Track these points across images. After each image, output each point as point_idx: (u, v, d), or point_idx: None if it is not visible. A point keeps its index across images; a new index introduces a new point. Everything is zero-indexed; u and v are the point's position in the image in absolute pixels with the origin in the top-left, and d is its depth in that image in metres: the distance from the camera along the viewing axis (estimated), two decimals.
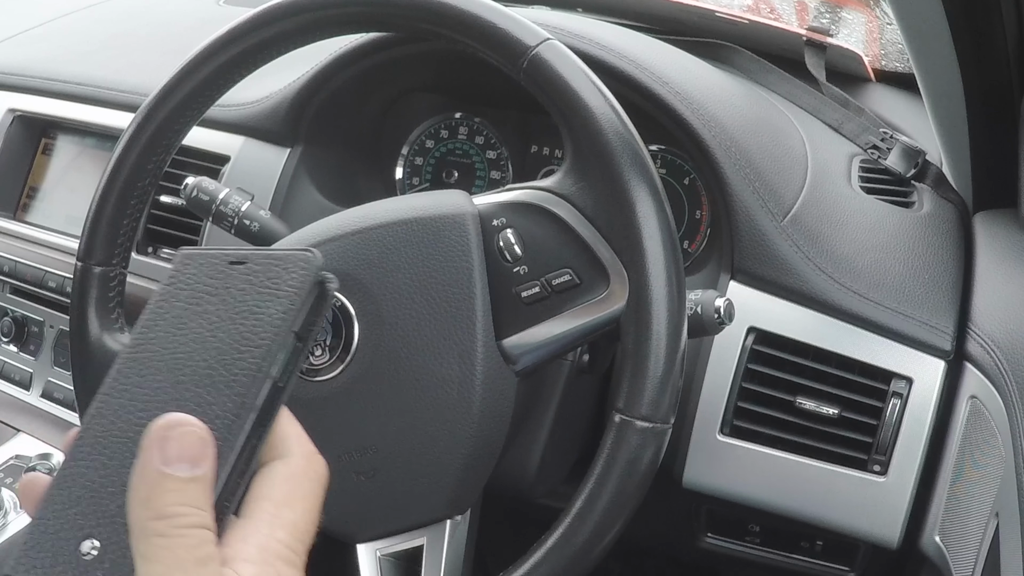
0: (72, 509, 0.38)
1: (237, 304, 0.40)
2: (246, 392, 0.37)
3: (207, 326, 0.40)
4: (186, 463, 0.34)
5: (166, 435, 0.34)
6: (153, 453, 0.34)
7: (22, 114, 1.13)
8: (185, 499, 0.34)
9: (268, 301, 0.40)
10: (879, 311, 0.76)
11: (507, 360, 0.62)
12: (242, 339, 0.39)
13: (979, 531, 0.66)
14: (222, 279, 0.42)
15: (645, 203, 0.58)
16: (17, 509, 0.96)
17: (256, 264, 0.41)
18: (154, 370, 0.40)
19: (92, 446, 0.39)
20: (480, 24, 0.62)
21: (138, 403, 0.39)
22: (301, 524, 0.37)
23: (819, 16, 1.15)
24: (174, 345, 0.40)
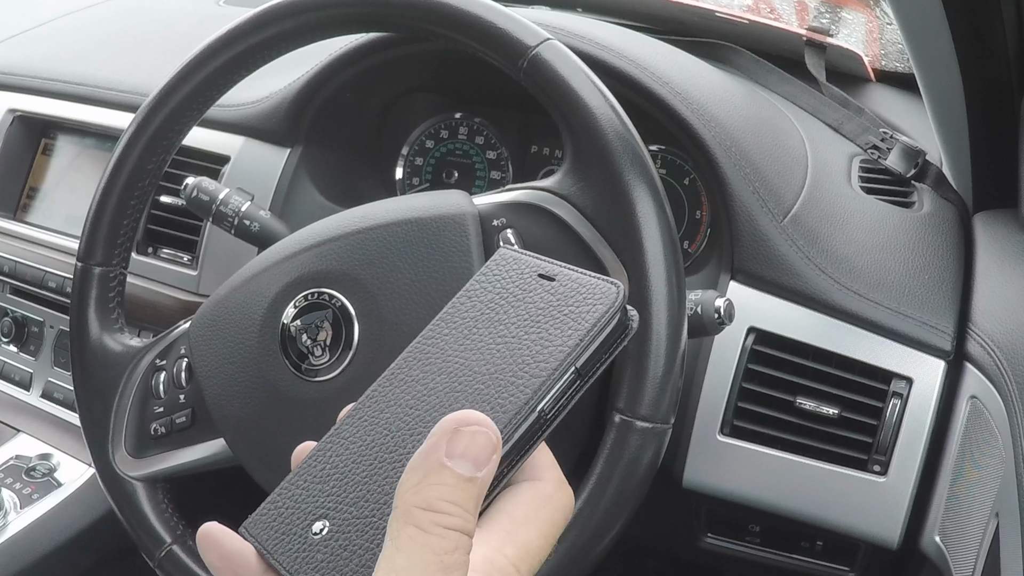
0: (318, 485, 0.38)
1: (532, 322, 0.39)
2: (509, 420, 0.36)
3: (497, 336, 0.40)
4: (470, 462, 0.33)
5: (457, 430, 0.34)
6: (440, 443, 0.33)
7: (22, 114, 1.13)
8: (456, 497, 0.33)
9: (560, 329, 0.39)
10: (879, 311, 0.76)
11: None
12: (523, 362, 0.38)
13: (979, 531, 0.66)
14: (527, 290, 0.41)
15: (645, 203, 0.58)
16: (17, 509, 0.96)
17: (562, 284, 0.40)
18: (435, 370, 0.40)
19: (356, 428, 0.40)
20: (480, 24, 0.62)
21: (410, 399, 0.39)
22: (533, 547, 0.36)
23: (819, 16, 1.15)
24: (461, 348, 0.40)
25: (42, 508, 0.96)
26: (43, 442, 1.06)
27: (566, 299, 0.40)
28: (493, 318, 0.40)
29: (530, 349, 0.38)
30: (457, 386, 0.38)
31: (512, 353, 0.38)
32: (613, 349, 0.39)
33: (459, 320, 0.41)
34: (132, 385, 0.72)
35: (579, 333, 0.38)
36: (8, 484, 0.99)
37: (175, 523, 0.70)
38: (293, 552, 0.37)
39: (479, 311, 0.41)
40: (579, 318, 0.38)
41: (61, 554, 0.95)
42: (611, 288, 0.39)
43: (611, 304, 0.38)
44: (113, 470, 0.71)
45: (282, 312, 0.65)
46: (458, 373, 0.39)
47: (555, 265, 0.42)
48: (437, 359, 0.40)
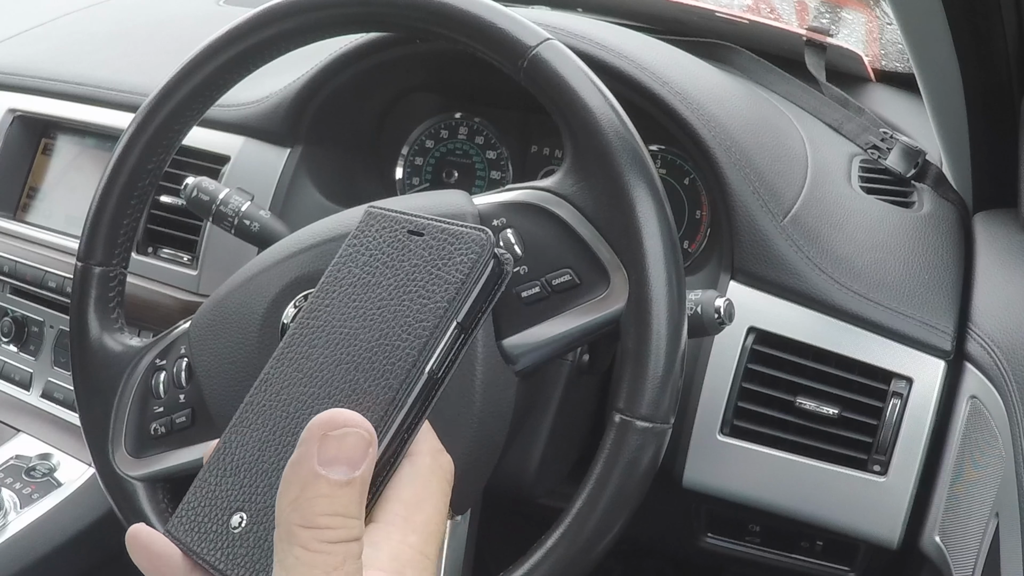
0: (229, 478, 0.38)
1: (408, 282, 0.39)
2: (399, 386, 0.36)
3: (376, 301, 0.39)
4: (344, 465, 0.33)
5: (327, 434, 0.33)
6: (311, 451, 0.33)
7: (22, 114, 1.13)
8: (336, 507, 0.32)
9: (436, 284, 0.38)
10: (879, 311, 0.76)
11: (507, 360, 0.62)
12: (406, 324, 0.38)
13: (979, 531, 0.66)
14: (399, 248, 0.41)
15: (645, 203, 0.58)
16: (17, 509, 0.96)
17: (432, 238, 0.40)
18: (322, 343, 0.39)
19: (255, 415, 0.39)
20: (480, 24, 0.62)
21: (301, 376, 0.39)
22: (432, 525, 0.36)
23: (819, 16, 1.15)
24: (343, 318, 0.40)
25: (42, 508, 0.96)
26: (43, 442, 1.06)
27: (438, 253, 0.40)
28: (370, 282, 0.40)
29: (409, 309, 0.38)
30: (344, 358, 0.38)
31: (393, 316, 0.38)
32: (492, 297, 0.39)
33: (338, 288, 0.41)
34: (132, 385, 0.72)
35: (453, 287, 0.38)
36: (8, 484, 0.99)
37: None
38: (216, 548, 0.37)
39: (356, 276, 0.41)
40: (452, 271, 0.39)
41: (61, 554, 0.95)
42: (480, 235, 0.39)
43: (481, 253, 0.39)
44: (113, 470, 0.71)
45: (282, 312, 0.65)
46: (345, 344, 0.39)
47: (423, 219, 0.42)
48: (323, 332, 0.40)
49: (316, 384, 0.38)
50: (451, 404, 0.61)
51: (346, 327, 0.39)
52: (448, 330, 0.38)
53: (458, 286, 0.38)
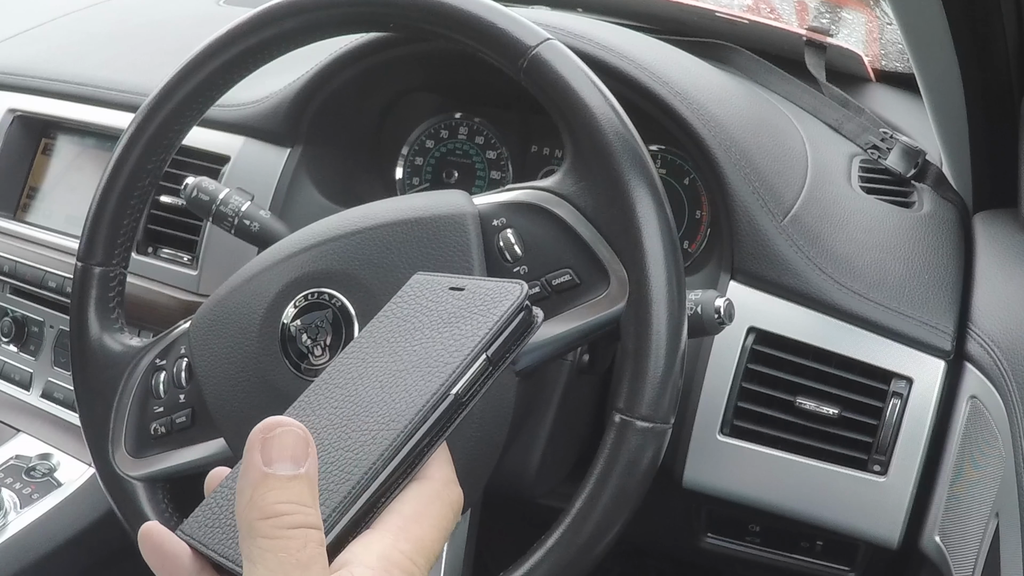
0: None
1: (445, 324, 0.43)
2: (426, 403, 0.39)
3: (413, 341, 0.43)
4: (288, 462, 0.34)
5: (266, 437, 0.35)
6: (255, 456, 0.34)
7: (22, 114, 1.13)
8: (289, 496, 0.34)
9: (471, 324, 0.42)
10: (879, 311, 0.76)
11: None
12: (438, 355, 0.41)
13: (979, 531, 0.66)
14: (439, 302, 0.45)
15: (645, 203, 0.58)
16: (17, 509, 0.96)
17: (472, 291, 0.44)
18: (357, 375, 0.43)
19: None
20: (480, 24, 0.62)
21: (335, 401, 0.42)
22: (427, 541, 0.37)
23: (819, 16, 1.15)
24: (381, 354, 0.43)
25: (42, 508, 0.96)
26: (43, 442, 1.06)
27: (475, 303, 0.44)
28: (409, 328, 0.44)
29: (444, 345, 0.42)
30: (376, 383, 0.41)
31: (427, 352, 0.42)
32: (521, 341, 0.43)
33: (378, 335, 0.45)
34: (132, 385, 0.72)
35: (487, 325, 0.42)
36: (8, 484, 0.99)
37: (175, 523, 0.70)
38: (230, 541, 0.38)
39: (396, 325, 0.45)
40: (488, 314, 0.42)
41: (61, 554, 0.95)
42: (515, 287, 0.43)
43: (515, 299, 0.43)
44: (113, 470, 0.71)
45: (282, 312, 0.65)
46: (379, 375, 0.42)
47: (464, 278, 0.46)
48: (359, 366, 0.43)
49: (346, 405, 0.41)
50: None
51: (382, 362, 0.43)
52: (478, 360, 0.41)
53: (491, 324, 0.42)
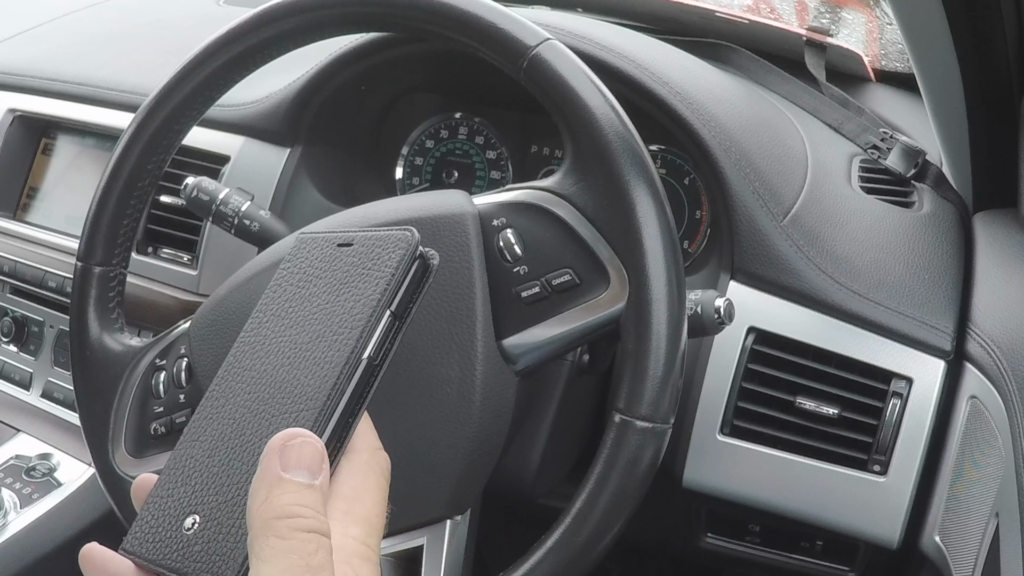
0: (180, 487, 0.40)
1: (340, 286, 0.42)
2: (339, 372, 0.39)
3: (312, 309, 0.42)
4: (304, 470, 0.35)
5: (285, 444, 0.35)
6: (273, 461, 0.35)
7: (22, 114, 1.13)
8: (304, 500, 0.34)
9: (367, 282, 0.41)
10: (879, 311, 0.76)
11: (507, 360, 0.62)
12: (340, 320, 0.40)
13: (979, 531, 0.66)
14: (330, 261, 0.44)
15: (645, 203, 0.58)
16: (17, 509, 0.96)
17: (360, 246, 0.43)
18: (263, 353, 0.42)
19: (202, 427, 0.41)
20: (480, 24, 0.62)
21: (246, 386, 0.41)
22: (373, 518, 0.38)
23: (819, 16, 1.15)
24: (281, 328, 0.42)
25: (42, 508, 0.96)
26: (43, 442, 1.06)
27: (368, 257, 0.42)
28: (305, 294, 0.43)
29: (344, 308, 0.41)
30: (284, 361, 0.41)
31: (329, 318, 0.41)
32: (420, 288, 0.42)
33: (275, 306, 0.44)
34: (132, 385, 0.72)
35: (384, 281, 0.41)
36: (8, 484, 0.99)
37: None
38: (172, 551, 0.38)
39: (290, 294, 0.44)
40: (382, 268, 0.41)
41: (61, 554, 0.95)
42: (404, 235, 0.42)
43: (407, 249, 0.41)
44: (113, 470, 0.71)
45: None
46: (285, 351, 0.41)
47: (350, 232, 0.45)
48: (263, 345, 0.42)
49: (259, 388, 0.41)
50: (451, 404, 0.61)
51: (284, 337, 0.42)
52: (382, 319, 0.40)
53: (388, 279, 0.41)
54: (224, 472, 0.39)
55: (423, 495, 0.62)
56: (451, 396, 0.61)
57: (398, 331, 0.41)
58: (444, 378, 0.61)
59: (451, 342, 0.61)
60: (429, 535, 0.64)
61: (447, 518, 0.64)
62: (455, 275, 0.62)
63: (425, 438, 0.61)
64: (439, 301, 0.62)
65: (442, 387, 0.61)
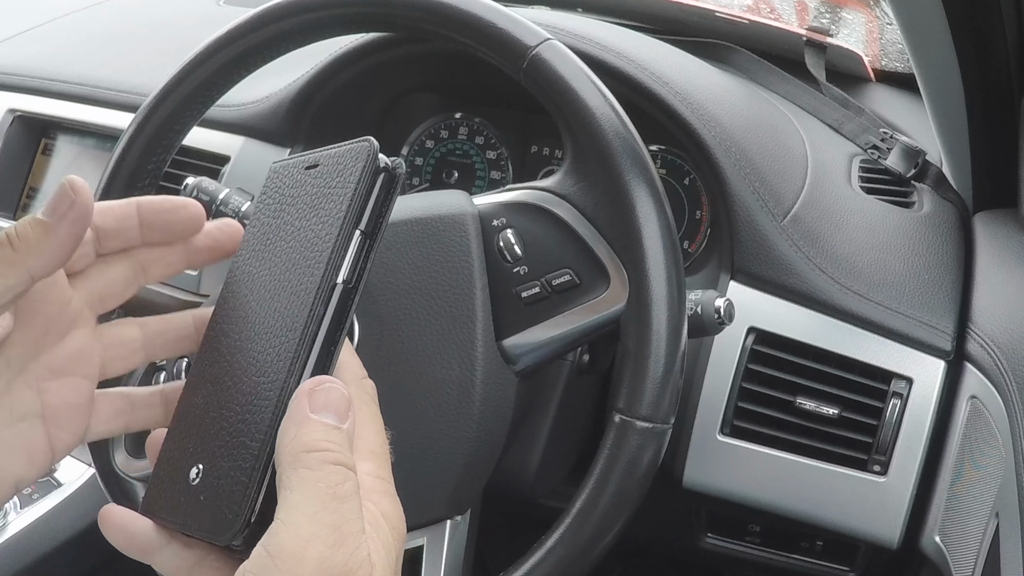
0: (183, 441, 0.40)
1: (309, 209, 0.41)
2: (313, 300, 0.38)
3: (286, 237, 0.41)
4: (332, 413, 0.35)
5: (313, 390, 0.36)
6: (302, 403, 0.35)
7: (22, 114, 1.13)
8: (331, 437, 0.35)
9: (331, 202, 0.40)
10: (879, 311, 0.76)
11: (507, 360, 0.62)
12: (312, 245, 0.39)
13: (979, 531, 0.66)
14: (298, 186, 0.42)
15: (645, 203, 0.58)
16: (17, 509, 0.96)
17: (324, 165, 0.42)
18: (246, 291, 0.41)
19: (200, 374, 0.41)
20: (480, 24, 0.62)
21: (233, 325, 0.41)
22: (377, 448, 0.38)
23: (819, 16, 1.15)
24: (261, 262, 0.41)
25: (42, 508, 0.96)
26: None
27: (331, 176, 0.41)
28: (278, 224, 0.42)
29: (313, 232, 0.40)
30: (267, 295, 0.40)
31: (301, 244, 0.40)
32: (389, 201, 0.40)
33: (254, 240, 0.43)
34: (132, 385, 0.72)
35: (347, 198, 0.39)
36: None
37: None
38: (180, 505, 0.38)
39: (268, 224, 0.43)
40: (344, 185, 0.40)
41: (61, 554, 0.95)
42: (362, 145, 0.40)
43: (365, 160, 0.40)
44: (113, 470, 0.71)
45: None
46: (266, 285, 0.40)
47: (318, 152, 0.43)
48: (246, 282, 0.42)
49: (245, 326, 0.40)
50: (451, 404, 0.61)
51: (264, 271, 0.41)
52: (352, 238, 0.39)
53: (350, 195, 0.39)
54: (221, 417, 0.38)
55: (423, 495, 0.62)
56: (451, 396, 0.61)
57: (371, 248, 0.40)
58: (444, 378, 0.61)
59: (451, 342, 0.61)
60: (429, 535, 0.64)
61: (447, 518, 0.64)
62: (455, 275, 0.62)
63: (425, 438, 0.61)
64: (439, 301, 0.62)
65: (442, 387, 0.61)
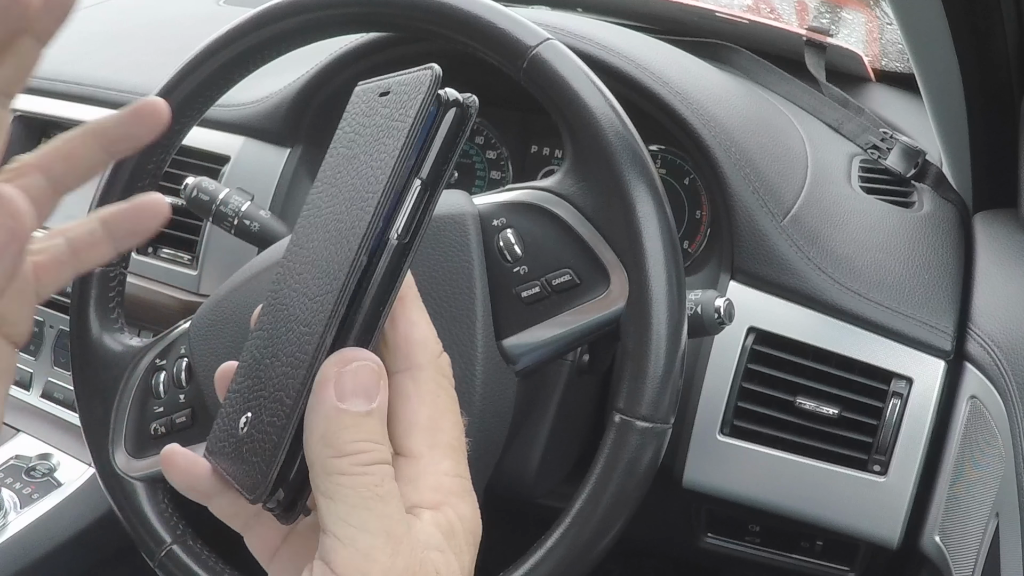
0: (245, 382, 0.38)
1: (374, 145, 0.36)
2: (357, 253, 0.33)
3: (353, 174, 0.36)
4: (361, 398, 0.33)
5: (340, 371, 0.34)
6: (328, 390, 0.33)
7: (22, 114, 1.13)
8: (363, 435, 0.33)
9: (391, 138, 0.34)
10: (879, 311, 0.76)
11: (507, 360, 0.62)
12: (367, 188, 0.34)
13: (979, 531, 0.66)
14: (371, 114, 0.37)
15: (645, 203, 0.58)
16: (17, 509, 0.96)
17: (394, 93, 0.36)
18: (312, 229, 0.37)
19: (264, 319, 0.39)
20: (480, 24, 0.62)
21: (296, 266, 0.37)
22: (455, 442, 0.36)
23: (819, 16, 1.15)
24: (331, 199, 0.37)
25: (42, 508, 0.96)
26: (43, 442, 1.06)
27: (397, 106, 0.35)
28: (350, 156, 0.37)
29: (372, 173, 0.34)
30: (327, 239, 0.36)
31: (362, 185, 0.35)
32: (456, 144, 0.34)
33: (328, 172, 0.38)
34: (132, 385, 0.72)
35: (399, 141, 0.34)
36: (8, 484, 0.99)
37: (175, 523, 0.70)
38: (229, 453, 0.36)
39: (341, 156, 0.38)
40: (404, 119, 0.34)
41: (61, 554, 0.95)
42: (424, 74, 0.34)
43: (425, 93, 0.34)
44: (113, 470, 0.71)
45: None
46: (328, 226, 0.36)
47: (391, 78, 0.37)
48: (314, 219, 0.38)
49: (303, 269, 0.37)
50: None
51: (329, 209, 0.37)
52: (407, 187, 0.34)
53: (402, 138, 0.33)
54: (270, 364, 0.36)
55: None
56: None
57: (429, 200, 0.34)
58: None
59: (451, 342, 0.61)
60: None
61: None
62: (455, 275, 0.62)
63: None
64: (439, 301, 0.62)
65: None
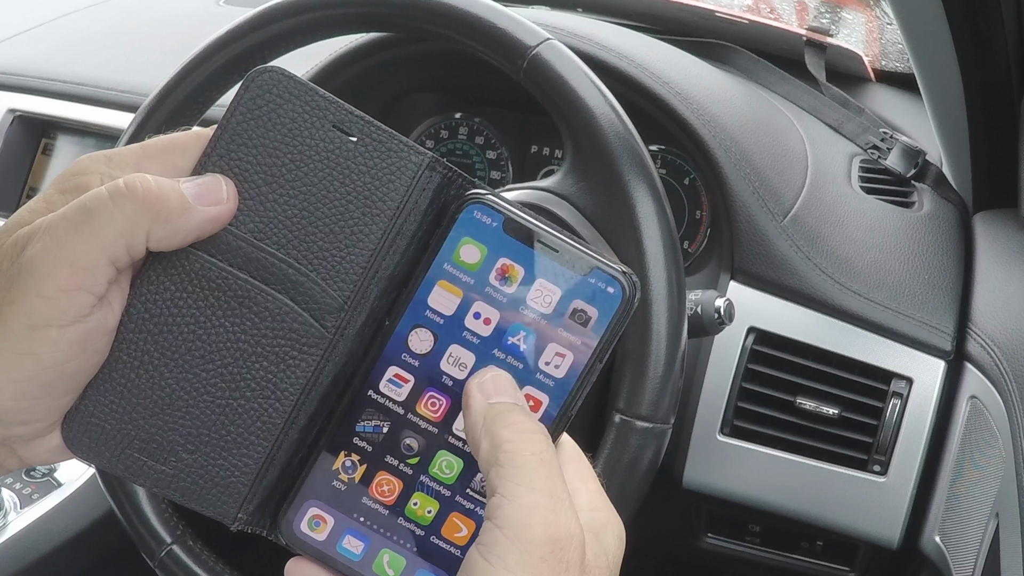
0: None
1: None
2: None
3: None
4: (506, 396, 0.37)
5: (480, 381, 0.37)
6: (476, 397, 0.37)
7: (22, 114, 1.13)
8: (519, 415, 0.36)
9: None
10: (879, 311, 0.76)
11: None
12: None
13: (979, 531, 0.66)
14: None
15: (645, 203, 0.58)
16: (17, 509, 0.96)
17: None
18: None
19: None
20: (480, 24, 0.62)
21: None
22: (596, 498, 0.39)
23: (819, 16, 1.15)
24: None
25: (42, 508, 0.96)
26: None
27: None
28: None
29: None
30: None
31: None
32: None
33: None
34: None
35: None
36: (8, 484, 0.99)
37: (175, 523, 0.70)
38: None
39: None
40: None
41: (61, 554, 0.95)
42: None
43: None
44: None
45: None
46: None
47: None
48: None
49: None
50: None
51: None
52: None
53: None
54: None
55: None
56: None
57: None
58: None
59: None
60: None
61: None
62: None
63: None
64: None
65: None
